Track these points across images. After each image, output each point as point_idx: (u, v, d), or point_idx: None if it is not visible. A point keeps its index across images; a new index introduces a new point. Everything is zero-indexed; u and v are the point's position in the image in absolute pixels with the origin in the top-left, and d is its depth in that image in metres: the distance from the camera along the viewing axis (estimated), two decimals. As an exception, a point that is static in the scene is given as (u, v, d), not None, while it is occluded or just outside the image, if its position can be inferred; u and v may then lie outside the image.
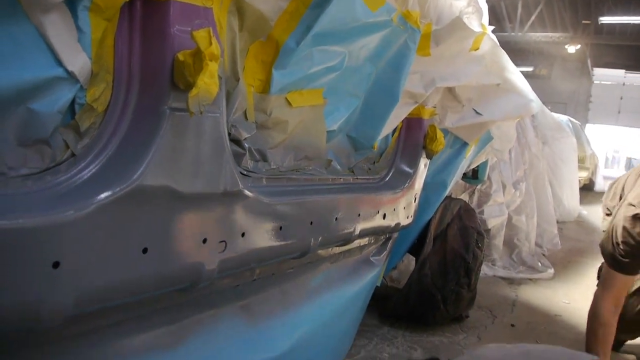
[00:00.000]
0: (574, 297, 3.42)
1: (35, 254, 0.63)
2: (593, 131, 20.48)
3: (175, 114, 0.77)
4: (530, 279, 3.79)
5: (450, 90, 2.03)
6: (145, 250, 0.77)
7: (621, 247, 1.93)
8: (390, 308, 2.49)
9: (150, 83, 0.76)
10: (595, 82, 20.82)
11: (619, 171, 24.28)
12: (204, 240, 0.89)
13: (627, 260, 1.93)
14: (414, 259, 2.59)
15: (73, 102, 0.71)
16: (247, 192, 0.97)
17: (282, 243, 1.14)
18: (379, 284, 2.12)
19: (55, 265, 0.65)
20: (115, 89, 0.76)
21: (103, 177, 0.73)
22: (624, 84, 20.90)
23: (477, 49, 1.86)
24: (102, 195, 0.71)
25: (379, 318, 2.55)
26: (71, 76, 0.69)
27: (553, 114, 7.06)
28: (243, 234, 0.99)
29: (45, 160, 0.69)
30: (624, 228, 1.91)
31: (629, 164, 26.30)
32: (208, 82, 0.73)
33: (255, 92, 1.14)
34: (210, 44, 0.72)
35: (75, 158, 0.72)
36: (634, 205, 1.91)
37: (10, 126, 0.64)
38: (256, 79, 1.13)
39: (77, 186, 0.71)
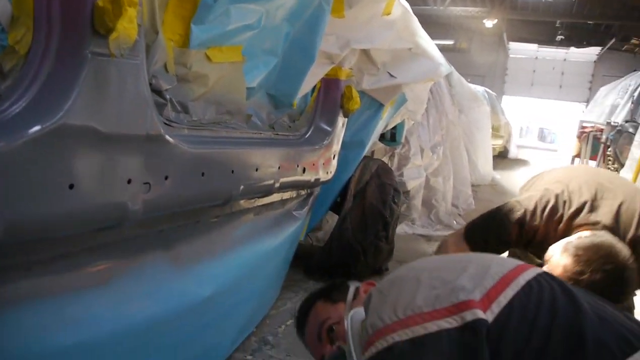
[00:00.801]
0: (483, 249, 3.73)
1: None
2: (509, 102, 21.67)
3: (97, 58, 0.82)
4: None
5: (366, 54, 2.15)
6: (71, 186, 0.83)
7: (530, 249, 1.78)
8: (315, 263, 2.63)
9: (71, 28, 0.80)
10: (510, 55, 21.95)
11: (531, 140, 25.92)
12: (129, 181, 0.95)
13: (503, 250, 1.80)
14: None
15: (-5, 44, 0.75)
16: (168, 138, 1.04)
17: (205, 189, 1.22)
18: (302, 239, 2.25)
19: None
20: (36, 33, 0.80)
21: (28, 115, 0.78)
22: (536, 58, 22.20)
23: (389, 13, 1.98)
24: (28, 132, 0.76)
25: (304, 274, 2.68)
26: (-7, 20, 0.73)
27: (470, 84, 7.45)
28: (166, 177, 1.06)
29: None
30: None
31: (541, 133, 28.15)
32: (127, 27, 0.79)
33: (175, 46, 1.19)
34: (128, -11, 0.78)
35: (0, 98, 0.76)
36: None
37: None
38: (175, 33, 1.18)
39: (2, 123, 0.76)
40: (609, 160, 5.52)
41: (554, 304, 0.85)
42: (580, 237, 1.55)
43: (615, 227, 1.60)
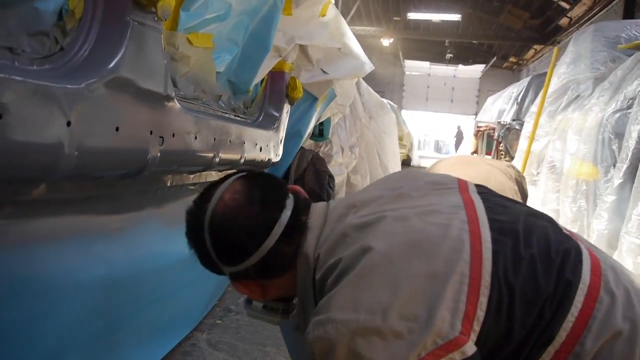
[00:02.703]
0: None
1: (53, 111, 0.85)
2: (407, 116, 23.05)
3: (136, 24, 1.02)
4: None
5: (303, 51, 2.43)
6: (117, 129, 1.01)
7: None
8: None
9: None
10: (406, 72, 23.48)
11: (429, 152, 27.60)
12: (151, 132, 1.14)
13: None
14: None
15: (61, 8, 0.93)
16: (177, 101, 1.24)
17: (197, 151, 1.41)
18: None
19: (68, 124, 0.87)
20: (86, 1, 0.98)
21: (85, 67, 0.96)
22: (429, 75, 23.95)
23: (325, 15, 2.29)
24: (85, 79, 0.94)
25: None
26: (61, -14, 0.91)
27: (377, 94, 8.01)
28: (173, 135, 1.25)
29: (44, 49, 0.90)
30: None
31: (437, 145, 30.13)
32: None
33: (165, 29, 1.39)
34: (169, -31, 0.99)
35: (64, 51, 0.94)
36: None
37: (22, 18, 0.85)
38: (167, 17, 1.38)
39: (65, 73, 0.93)
40: (502, 154, 6.26)
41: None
42: None
43: None
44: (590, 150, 3.24)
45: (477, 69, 22.15)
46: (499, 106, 7.23)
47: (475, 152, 7.68)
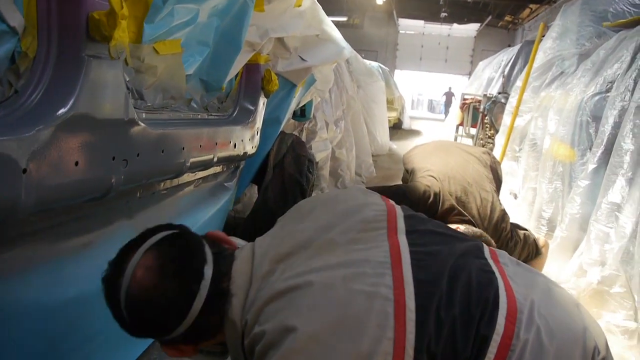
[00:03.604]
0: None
1: (7, 162, 0.88)
2: (400, 76, 22.86)
3: (92, 59, 1.03)
4: (352, 201, 4.49)
5: (280, 41, 2.41)
6: (77, 163, 1.04)
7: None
8: (242, 230, 2.90)
9: (70, 36, 1.00)
10: (400, 31, 23.12)
11: (423, 112, 27.50)
12: (113, 158, 1.17)
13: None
14: (256, 193, 3.01)
15: (13, 51, 0.94)
16: (139, 122, 1.26)
17: (164, 164, 1.44)
18: (231, 208, 2.49)
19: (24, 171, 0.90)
20: (40, 40, 0.99)
21: (41, 108, 0.98)
22: (423, 34, 23.60)
23: (300, 5, 2.26)
24: (41, 121, 0.96)
25: (231, 241, 2.93)
26: (12, 30, 0.92)
27: (365, 61, 7.94)
28: (138, 155, 1.28)
29: (-1, 95, 0.92)
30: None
31: (430, 105, 30.02)
32: (122, 35, 1.01)
33: (130, 43, 1.39)
34: (122, 7, 0.99)
35: (18, 94, 0.96)
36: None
37: (-27, 69, 0.87)
38: (130, 31, 1.37)
39: (21, 116, 0.95)
40: (487, 127, 6.29)
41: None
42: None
43: (478, 219, 2.21)
44: (568, 132, 3.28)
45: (472, 28, 21.82)
46: (488, 74, 7.21)
47: (461, 124, 7.70)
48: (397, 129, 12.51)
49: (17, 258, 1.10)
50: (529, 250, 2.39)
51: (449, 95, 20.98)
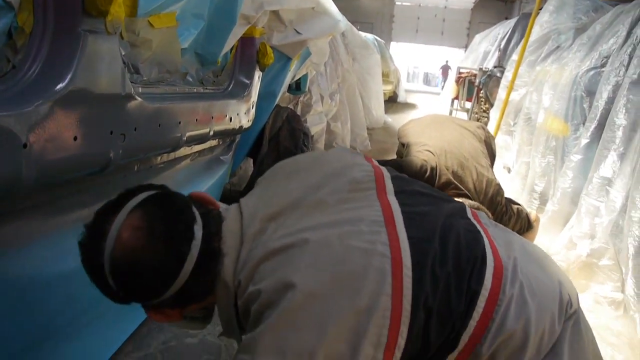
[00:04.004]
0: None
1: (8, 137, 0.89)
2: (396, 48, 22.65)
3: (88, 34, 1.03)
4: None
5: (275, 14, 2.39)
6: (75, 138, 1.05)
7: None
8: (236, 203, 2.92)
9: (66, 11, 1.00)
10: (396, 3, 22.80)
11: (418, 85, 27.35)
12: (111, 132, 1.18)
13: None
14: (251, 166, 3.03)
15: (10, 26, 0.94)
16: (136, 96, 1.27)
17: (161, 137, 1.46)
18: (227, 181, 2.51)
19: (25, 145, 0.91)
20: (36, 15, 0.99)
21: (39, 83, 0.98)
22: (419, 5, 23.29)
23: (295, -23, 2.24)
24: (41, 97, 0.97)
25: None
26: (8, 5, 0.92)
27: (361, 33, 7.86)
28: (135, 129, 1.29)
29: (-3, 70, 0.92)
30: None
31: (426, 78, 29.84)
32: (118, 10, 1.01)
33: (125, 16, 1.38)
34: (118, -19, 0.99)
35: (16, 69, 0.96)
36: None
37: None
38: (125, 5, 1.37)
39: (20, 91, 0.96)
40: (482, 101, 6.29)
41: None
42: None
43: (474, 193, 2.26)
44: (562, 107, 3.30)
45: (469, 0, 21.53)
46: (484, 47, 7.16)
47: (457, 97, 7.70)
48: (392, 102, 12.46)
49: (17, 231, 1.12)
50: (521, 224, 2.44)
51: (446, 69, 20.88)
